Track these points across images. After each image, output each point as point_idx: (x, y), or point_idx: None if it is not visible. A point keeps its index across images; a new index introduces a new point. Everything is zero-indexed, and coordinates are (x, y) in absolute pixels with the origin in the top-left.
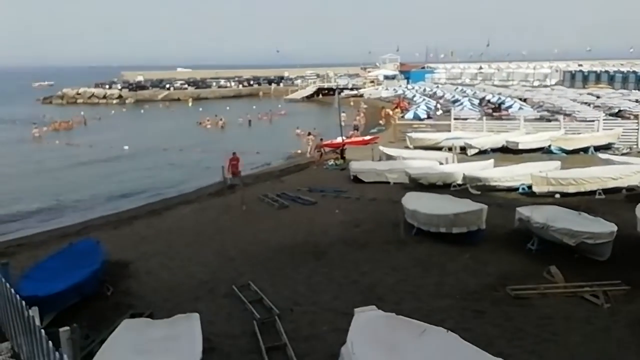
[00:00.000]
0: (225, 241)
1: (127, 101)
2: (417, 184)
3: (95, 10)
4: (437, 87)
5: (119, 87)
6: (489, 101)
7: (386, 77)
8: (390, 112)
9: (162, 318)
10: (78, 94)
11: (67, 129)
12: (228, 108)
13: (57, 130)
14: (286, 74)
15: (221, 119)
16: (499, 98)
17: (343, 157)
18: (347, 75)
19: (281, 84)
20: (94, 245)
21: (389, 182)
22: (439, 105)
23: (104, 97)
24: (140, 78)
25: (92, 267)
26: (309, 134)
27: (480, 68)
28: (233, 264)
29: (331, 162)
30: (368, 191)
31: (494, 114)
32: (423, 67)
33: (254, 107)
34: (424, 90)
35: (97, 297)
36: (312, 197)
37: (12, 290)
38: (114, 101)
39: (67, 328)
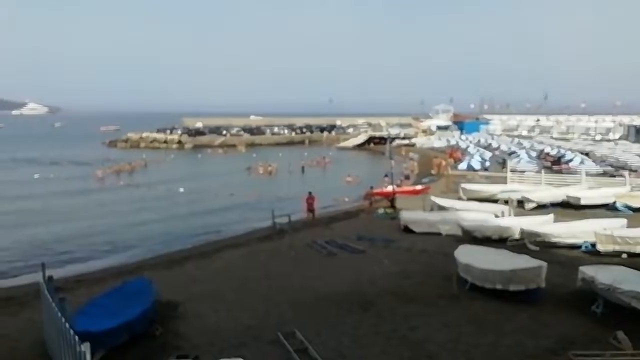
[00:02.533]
0: (272, 286)
1: (186, 146)
2: (471, 237)
3: (170, 59)
4: (492, 138)
5: (179, 133)
6: (547, 154)
7: (439, 127)
8: (443, 162)
9: None
10: (141, 138)
11: (129, 171)
12: (280, 154)
13: (120, 172)
14: (338, 123)
15: (270, 165)
16: (559, 151)
17: (394, 206)
18: (399, 124)
19: (333, 132)
20: (147, 284)
21: (440, 234)
22: (494, 157)
23: (165, 141)
24: (199, 124)
25: (143, 306)
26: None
27: (538, 120)
28: (279, 310)
29: (381, 210)
30: (419, 242)
31: (553, 167)
32: (477, 118)
33: (306, 153)
34: (478, 141)
35: (146, 337)
36: (360, 246)
37: (67, 325)
38: (174, 146)
39: None
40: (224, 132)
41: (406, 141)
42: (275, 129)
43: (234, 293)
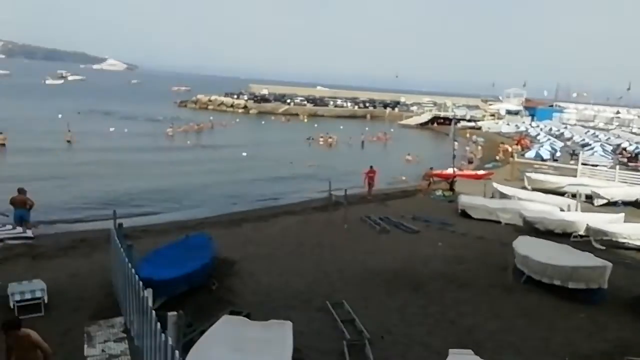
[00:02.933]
0: (324, 256)
1: (250, 111)
2: (532, 229)
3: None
4: (566, 127)
5: (246, 98)
6: (624, 149)
7: (508, 112)
8: (510, 149)
9: (258, 320)
10: (210, 100)
11: (196, 132)
12: (342, 127)
13: (188, 132)
14: (402, 100)
15: (331, 137)
16: (637, 147)
17: (452, 189)
18: (466, 106)
19: (396, 109)
20: (207, 240)
21: (499, 222)
22: (565, 147)
23: (232, 105)
24: (265, 91)
25: (203, 260)
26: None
27: (618, 112)
28: (329, 280)
29: (439, 192)
30: (476, 228)
31: (630, 163)
32: (551, 105)
33: (367, 128)
34: (550, 129)
35: (203, 289)
36: (415, 226)
37: (133, 271)
38: (240, 110)
39: (175, 313)
40: (288, 100)
41: (472, 123)
42: (339, 102)
43: (286, 258)
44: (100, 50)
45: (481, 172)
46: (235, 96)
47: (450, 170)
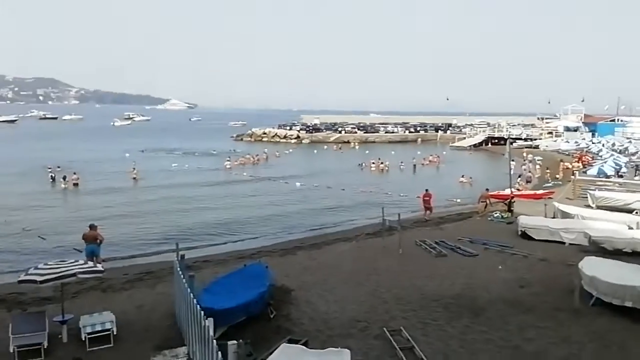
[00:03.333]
0: (379, 282)
1: (303, 141)
2: (599, 248)
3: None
4: (630, 142)
5: (298, 129)
6: None
7: (567, 129)
8: (570, 166)
9: (316, 348)
10: (264, 133)
11: (252, 164)
12: (393, 152)
13: (245, 164)
14: (454, 122)
15: (383, 163)
16: None
17: (511, 210)
18: (521, 124)
19: (448, 132)
20: (264, 269)
21: (563, 243)
22: (630, 162)
23: (285, 137)
24: (316, 121)
25: (261, 289)
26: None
27: None
28: (386, 307)
29: (497, 214)
30: (537, 249)
31: None
32: (613, 120)
33: (418, 152)
34: (613, 144)
35: (261, 318)
36: (473, 249)
37: (194, 301)
38: (293, 141)
39: (235, 342)
40: (339, 129)
41: (529, 142)
42: (389, 127)
43: (342, 285)
44: (164, 92)
45: (541, 191)
46: (288, 127)
47: (507, 191)
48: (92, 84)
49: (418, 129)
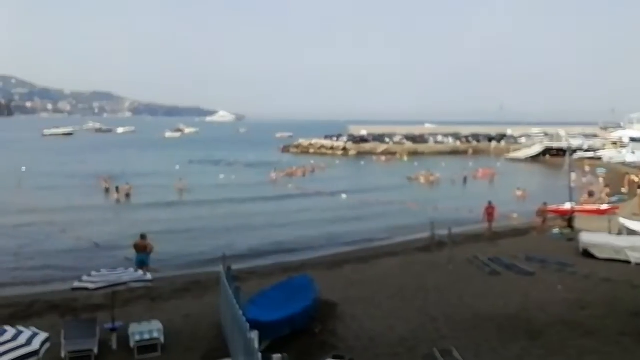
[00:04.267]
0: (428, 299)
1: (350, 152)
2: None
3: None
4: None
5: (345, 140)
6: None
7: (633, 140)
8: (637, 180)
9: None
10: (310, 144)
11: (298, 175)
12: (443, 164)
13: (291, 176)
14: (509, 132)
15: (432, 175)
16: None
17: (571, 226)
18: (583, 135)
19: (502, 142)
20: (309, 282)
21: (629, 262)
22: None
23: (331, 148)
24: (364, 132)
25: (306, 302)
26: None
27: None
28: (435, 325)
29: (556, 230)
30: (600, 269)
31: None
32: None
33: (470, 164)
34: None
35: (305, 332)
36: (529, 267)
37: (240, 312)
38: (339, 152)
39: (279, 356)
40: (387, 139)
41: (591, 154)
42: (439, 138)
43: (389, 301)
44: (213, 104)
45: (604, 206)
46: (335, 138)
47: (567, 206)
48: (144, 97)
49: (470, 139)
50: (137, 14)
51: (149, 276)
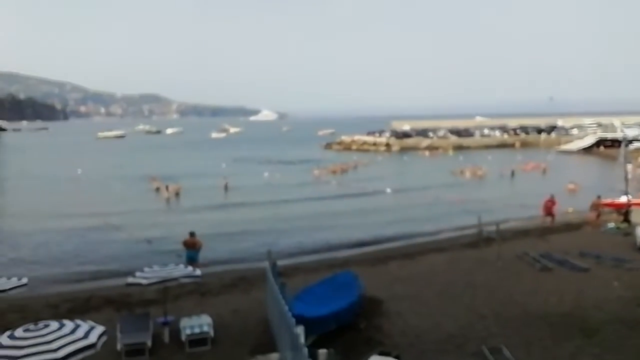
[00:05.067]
0: (476, 296)
1: (393, 148)
2: None
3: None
4: None
5: (387, 135)
6: None
7: None
8: None
9: None
10: (353, 141)
11: (341, 172)
12: (490, 157)
13: (334, 172)
14: (559, 123)
15: (480, 169)
16: None
17: (628, 220)
18: (639, 124)
19: (553, 134)
20: (354, 278)
21: None
22: None
23: (374, 144)
24: (406, 127)
25: (351, 298)
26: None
27: None
28: (484, 323)
29: (611, 224)
30: None
31: None
32: None
33: (519, 157)
34: None
35: (351, 328)
36: (583, 263)
37: (286, 308)
38: (382, 148)
39: (325, 351)
40: (431, 134)
41: None
42: (485, 131)
43: (436, 297)
44: (256, 103)
45: None
46: (377, 134)
47: (623, 199)
48: (191, 98)
49: (518, 131)
50: (181, 21)
51: (198, 272)
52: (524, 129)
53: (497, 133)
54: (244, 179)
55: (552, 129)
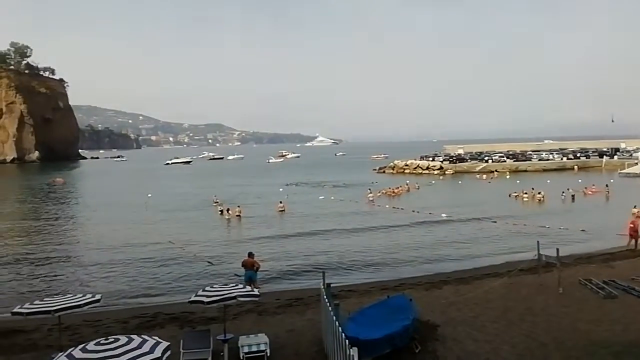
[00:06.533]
0: (536, 323)
1: (446, 172)
2: None
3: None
4: None
5: (441, 160)
6: None
7: None
8: None
9: None
10: (406, 165)
11: (394, 195)
12: (548, 181)
13: (387, 196)
14: (622, 145)
15: (539, 192)
16: None
17: None
18: None
19: (615, 157)
20: (407, 301)
21: None
22: None
23: (427, 168)
24: (460, 151)
25: (405, 322)
26: None
27: None
28: (544, 351)
29: None
30: None
31: None
32: None
33: (580, 180)
34: None
35: (405, 352)
36: None
37: (340, 329)
38: (435, 172)
39: None
40: (486, 158)
41: None
42: (543, 155)
43: (493, 324)
44: (312, 130)
45: None
46: (431, 158)
47: None
48: (251, 127)
49: (578, 155)
50: (238, 54)
51: (256, 292)
52: (584, 152)
53: (556, 157)
54: (300, 202)
55: (614, 151)
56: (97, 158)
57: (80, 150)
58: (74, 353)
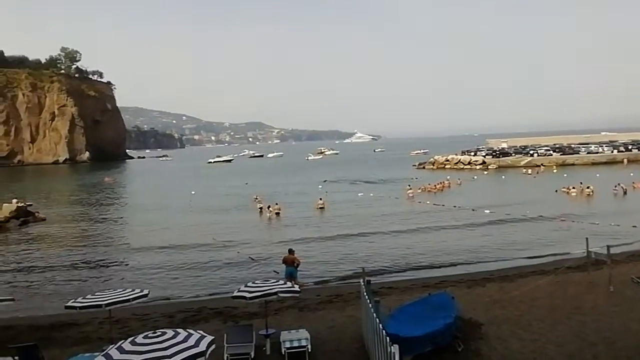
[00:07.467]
0: (585, 322)
1: (489, 167)
2: None
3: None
4: None
5: (484, 154)
6: None
7: None
8: None
9: None
10: (447, 160)
11: (435, 191)
12: (598, 175)
13: (428, 192)
14: None
15: (588, 187)
16: None
17: None
18: None
19: None
20: (449, 299)
21: None
22: None
23: (469, 163)
24: (504, 145)
25: (447, 320)
26: None
27: None
28: (594, 351)
29: None
30: None
31: None
32: None
33: (632, 174)
34: None
35: (448, 350)
36: None
37: (380, 326)
38: (478, 167)
39: None
40: (531, 152)
41: None
42: (592, 147)
43: (539, 322)
44: (350, 127)
45: None
46: (473, 153)
47: None
48: (290, 124)
49: (630, 147)
50: (276, 54)
51: (296, 288)
52: (637, 144)
53: (606, 149)
54: (339, 199)
55: None
56: (144, 157)
57: (127, 150)
58: (124, 345)
